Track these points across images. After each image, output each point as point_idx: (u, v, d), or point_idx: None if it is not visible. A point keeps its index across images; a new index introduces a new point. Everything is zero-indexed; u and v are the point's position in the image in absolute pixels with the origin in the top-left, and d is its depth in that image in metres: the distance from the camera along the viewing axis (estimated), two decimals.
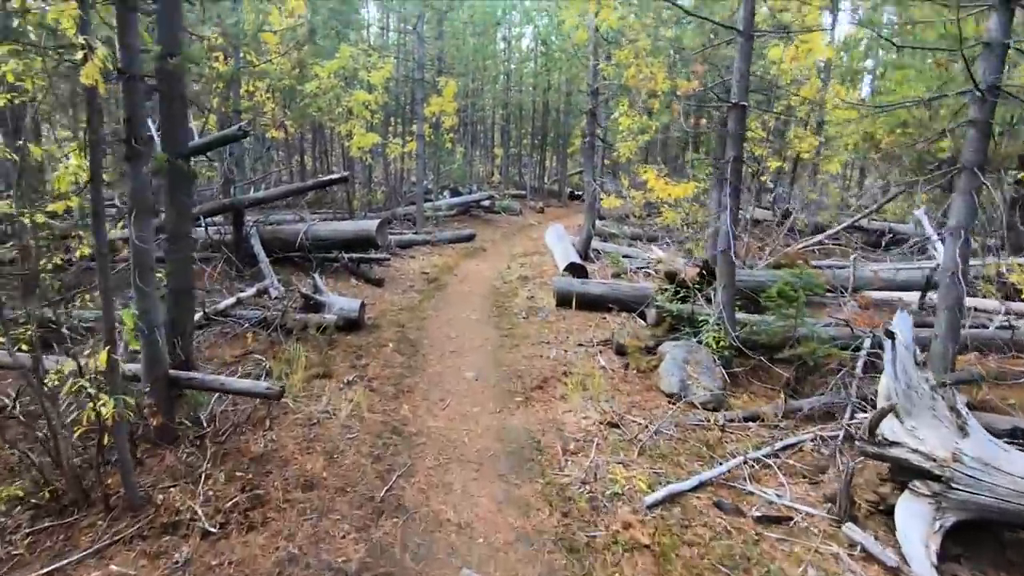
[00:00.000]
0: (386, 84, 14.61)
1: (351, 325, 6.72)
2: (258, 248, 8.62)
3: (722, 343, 5.55)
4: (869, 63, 15.21)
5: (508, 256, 12.38)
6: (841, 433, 4.47)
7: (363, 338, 6.61)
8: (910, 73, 7.86)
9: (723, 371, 5.44)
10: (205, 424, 4.33)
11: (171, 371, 4.00)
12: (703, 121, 7.98)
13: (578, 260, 9.80)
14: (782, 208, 15.30)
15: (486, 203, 17.71)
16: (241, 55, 8.24)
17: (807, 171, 18.35)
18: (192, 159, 5.13)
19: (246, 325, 6.31)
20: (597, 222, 17.24)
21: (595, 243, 11.70)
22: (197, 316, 6.27)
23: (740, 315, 6.04)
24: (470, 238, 14.23)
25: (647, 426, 4.74)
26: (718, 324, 5.60)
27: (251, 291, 7.15)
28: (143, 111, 3.69)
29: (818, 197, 14.92)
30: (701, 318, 6.07)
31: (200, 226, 8.50)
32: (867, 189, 19.55)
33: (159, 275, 4.21)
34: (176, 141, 4.53)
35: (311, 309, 6.70)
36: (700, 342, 5.75)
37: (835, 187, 16.23)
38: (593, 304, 7.95)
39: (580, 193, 26.60)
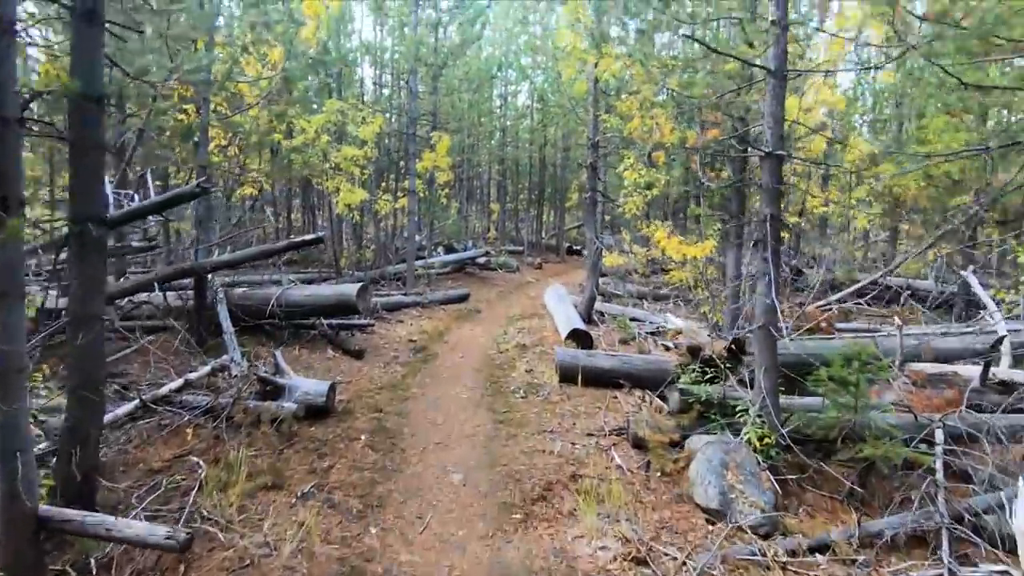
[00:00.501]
0: (377, 139, 14.10)
1: (318, 412, 5.66)
2: (223, 316, 7.65)
3: (767, 440, 4.51)
4: (888, 110, 14.77)
5: (504, 319, 11.41)
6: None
7: (331, 428, 5.53)
8: (947, 120, 7.20)
9: (771, 477, 4.37)
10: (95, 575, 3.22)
11: (42, 509, 2.94)
12: (723, 174, 7.24)
13: (582, 326, 8.83)
14: (790, 264, 14.52)
15: (482, 260, 16.93)
16: (212, 106, 7.59)
17: (818, 226, 17.75)
18: (128, 224, 4.25)
19: (188, 416, 5.25)
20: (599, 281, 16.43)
21: (598, 304, 10.78)
22: (131, 406, 5.25)
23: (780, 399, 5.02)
24: (464, 298, 13.31)
25: (684, 562, 3.63)
26: (760, 416, 4.57)
27: (204, 370, 6.12)
28: (16, 165, 2.80)
29: (832, 252, 14.16)
30: (736, 405, 5.05)
31: (158, 291, 7.58)
32: (877, 243, 18.91)
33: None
34: (89, 201, 3.64)
35: (269, 395, 5.65)
36: (738, 437, 4.70)
37: (845, 240, 15.52)
38: (601, 379, 6.93)
39: (578, 248, 26.04)
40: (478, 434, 5.77)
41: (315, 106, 12.91)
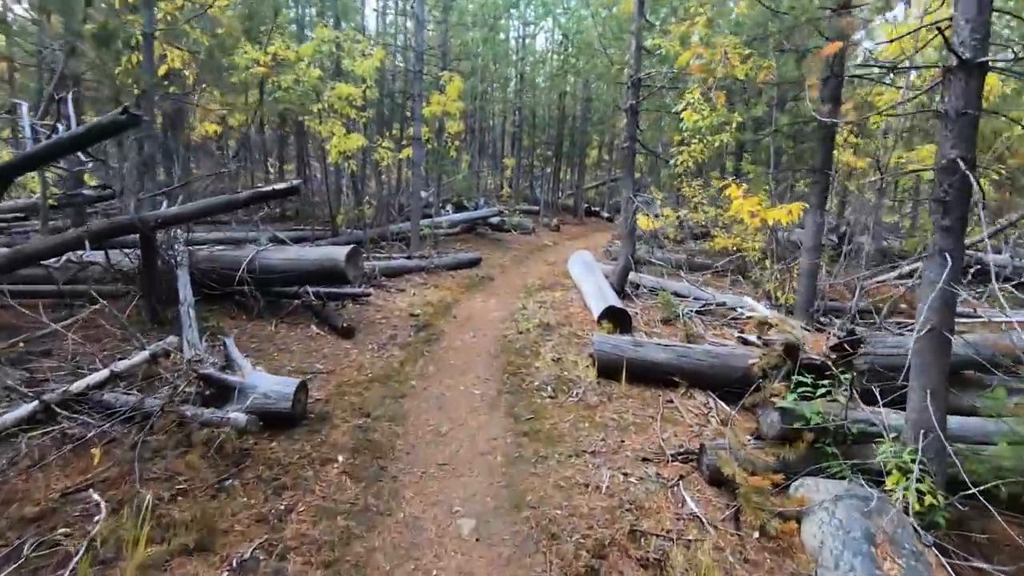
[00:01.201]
0: (379, 79, 12.32)
1: (282, 421, 4.25)
2: (183, 283, 6.19)
3: (931, 500, 3.03)
4: None
5: (522, 289, 9.90)
6: None
7: (297, 445, 4.11)
8: None
9: (944, 564, 2.90)
10: None
11: None
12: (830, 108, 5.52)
13: (618, 303, 7.31)
14: (837, 232, 12.75)
15: (495, 220, 15.30)
16: (158, 12, 5.92)
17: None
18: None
19: (102, 427, 3.84)
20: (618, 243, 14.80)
21: (632, 275, 9.22)
22: (25, 409, 3.86)
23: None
24: (475, 263, 11.79)
25: None
26: (920, 462, 3.08)
27: (139, 358, 4.69)
28: None
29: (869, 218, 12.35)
30: (860, 432, 3.56)
31: (90, 251, 6.11)
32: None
33: None
34: None
35: (214, 399, 4.21)
36: (881, 490, 3.22)
37: (892, 205, 13.70)
38: (650, 375, 5.46)
39: (597, 209, 24.27)
40: (495, 452, 4.34)
41: (307, 36, 11.10)
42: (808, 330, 4.92)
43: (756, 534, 3.34)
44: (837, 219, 14.31)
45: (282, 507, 3.43)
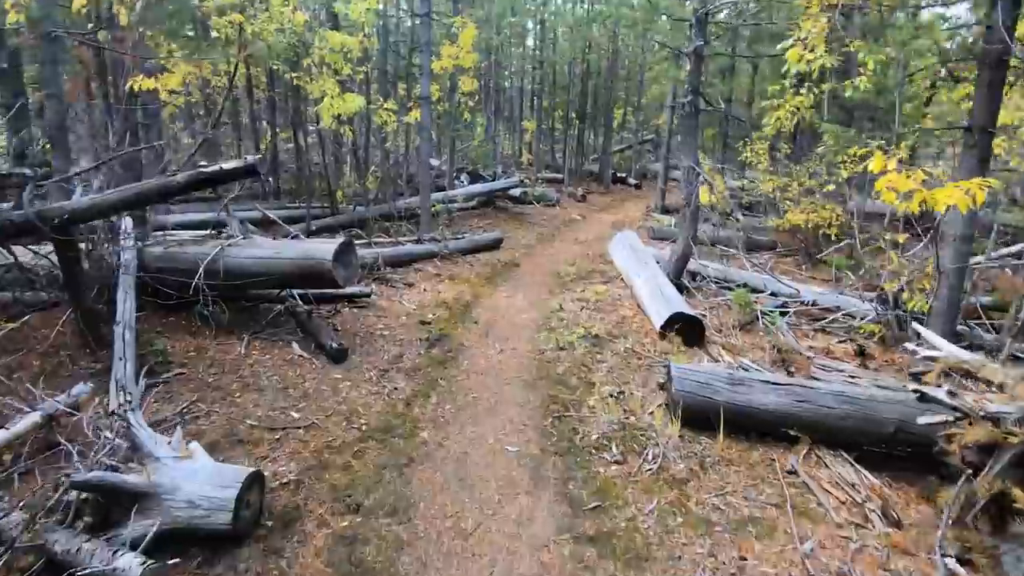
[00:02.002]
0: (379, 28, 10.50)
1: (220, 540, 2.76)
2: (123, 293, 4.68)
3: None
4: None
5: (553, 279, 8.29)
6: None
7: None
8: None
9: None
10: None
11: None
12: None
13: (688, 309, 5.67)
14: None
15: (515, 192, 13.56)
16: None
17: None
18: None
19: None
20: (661, 220, 13.00)
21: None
22: None
23: None
24: (496, 245, 10.17)
25: None
26: None
27: (27, 421, 3.22)
28: None
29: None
30: None
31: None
32: None
33: None
34: None
35: (105, 518, 2.69)
36: None
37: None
38: (752, 423, 3.89)
39: (624, 175, 22.25)
40: None
41: None
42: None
43: None
44: None
45: None
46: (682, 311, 5.51)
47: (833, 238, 8.73)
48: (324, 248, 5.10)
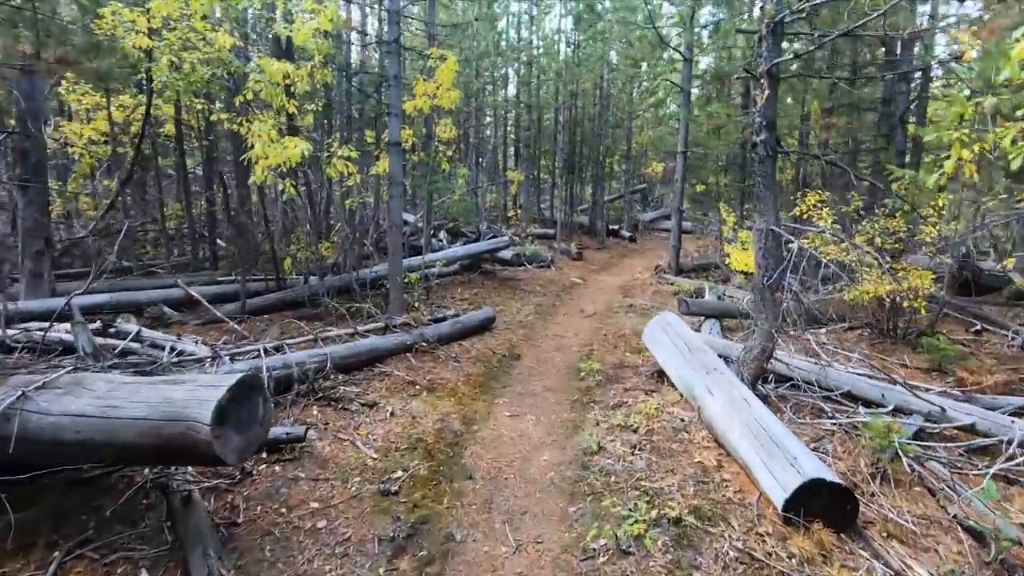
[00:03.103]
0: (334, 56, 8.57)
1: None
2: None
3: None
4: None
5: (571, 379, 6.06)
6: None
7: None
8: None
9: None
10: None
11: None
12: None
13: (828, 474, 3.43)
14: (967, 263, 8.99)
15: (505, 253, 11.45)
16: None
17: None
18: None
19: None
20: (681, 284, 11.00)
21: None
22: None
23: None
24: (487, 325, 7.95)
25: None
26: None
27: None
28: None
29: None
30: None
31: None
32: None
33: None
34: None
35: None
36: None
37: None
38: None
39: (616, 227, 20.47)
40: None
41: None
42: None
43: None
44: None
45: None
46: (821, 477, 3.29)
47: (922, 312, 6.75)
48: (200, 399, 2.79)
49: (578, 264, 14.04)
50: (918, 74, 9.14)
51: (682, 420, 4.66)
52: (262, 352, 5.06)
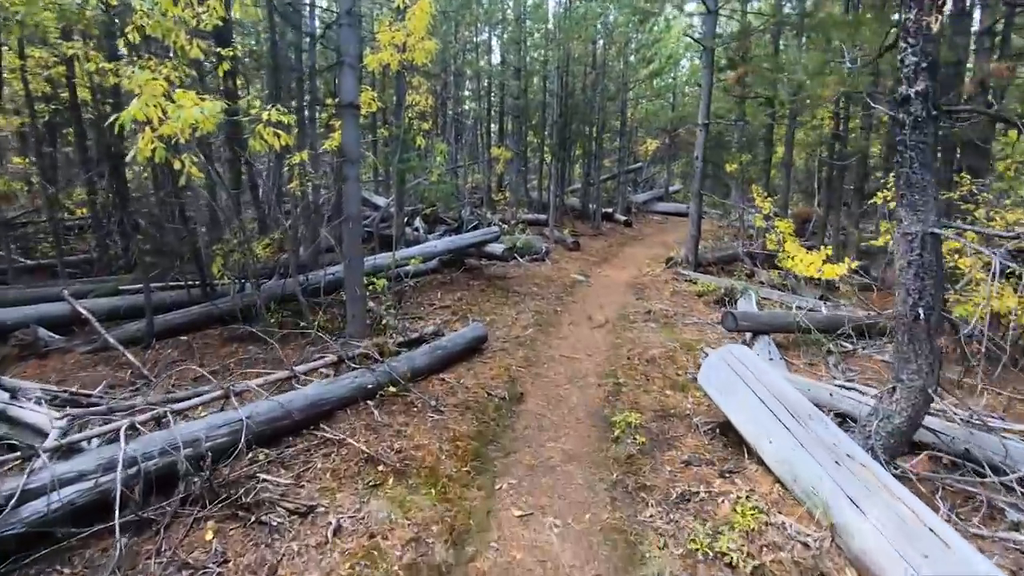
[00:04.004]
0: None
1: None
2: None
3: None
4: None
5: (602, 440, 4.28)
6: None
7: None
8: None
9: None
10: None
11: None
12: None
13: None
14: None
15: (496, 247, 9.54)
16: None
17: None
18: None
19: None
20: (706, 285, 9.26)
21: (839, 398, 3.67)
22: None
23: None
24: (476, 347, 6.11)
25: None
26: None
27: None
28: None
29: None
30: None
31: None
32: None
33: None
34: None
35: None
36: None
37: None
38: None
39: (610, 211, 18.65)
40: None
41: None
42: None
43: None
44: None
45: None
46: None
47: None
48: None
49: (575, 255, 12.21)
50: None
51: (806, 545, 2.90)
52: (122, 436, 3.12)
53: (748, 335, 6.34)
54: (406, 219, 11.11)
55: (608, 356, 6.30)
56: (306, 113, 8.51)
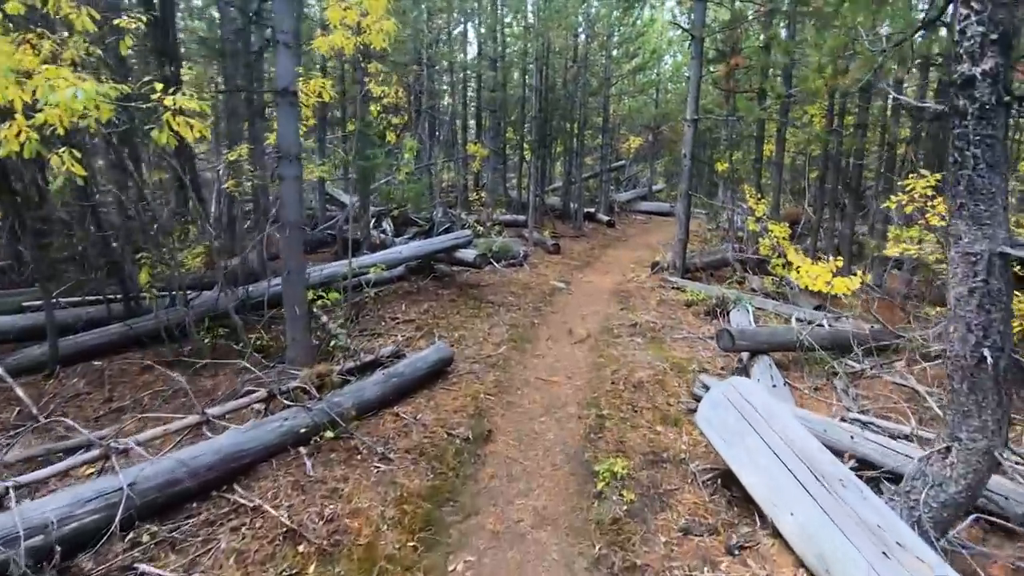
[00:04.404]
0: None
1: None
2: None
3: None
4: None
5: (577, 493, 3.51)
6: None
7: None
8: None
9: None
10: None
11: None
12: None
13: None
14: None
15: (468, 253, 8.73)
16: None
17: None
18: None
19: None
20: (697, 296, 8.60)
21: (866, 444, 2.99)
22: None
23: None
24: (440, 370, 5.33)
25: None
26: None
27: None
28: None
29: None
30: None
31: None
32: None
33: None
34: None
35: None
36: None
37: None
38: None
39: (591, 211, 17.97)
40: None
41: None
42: None
43: None
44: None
45: None
46: None
47: None
48: None
49: (555, 259, 11.47)
50: None
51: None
52: None
53: (745, 355, 5.66)
54: (373, 221, 10.27)
55: (590, 379, 5.57)
56: (255, 102, 7.61)
